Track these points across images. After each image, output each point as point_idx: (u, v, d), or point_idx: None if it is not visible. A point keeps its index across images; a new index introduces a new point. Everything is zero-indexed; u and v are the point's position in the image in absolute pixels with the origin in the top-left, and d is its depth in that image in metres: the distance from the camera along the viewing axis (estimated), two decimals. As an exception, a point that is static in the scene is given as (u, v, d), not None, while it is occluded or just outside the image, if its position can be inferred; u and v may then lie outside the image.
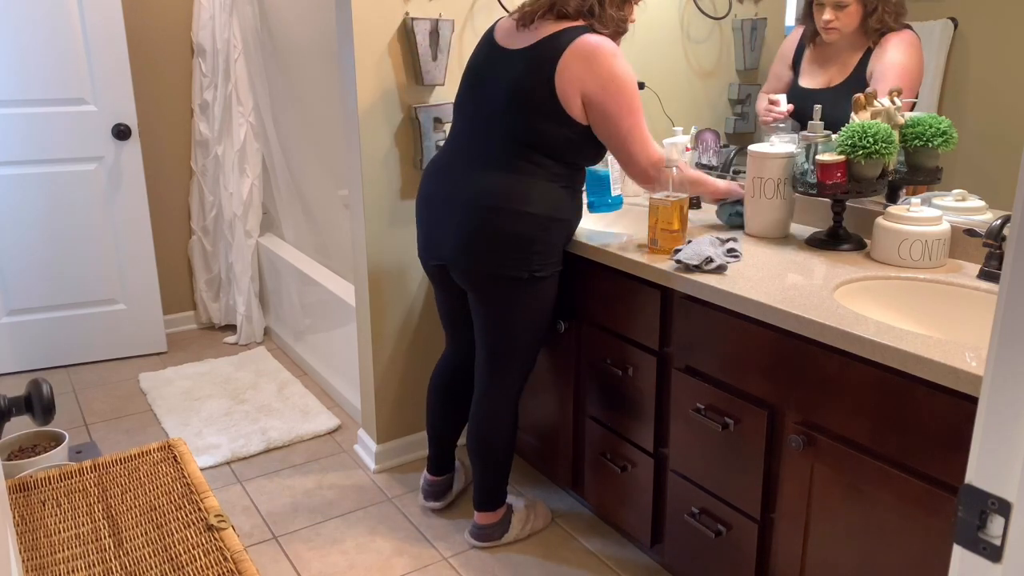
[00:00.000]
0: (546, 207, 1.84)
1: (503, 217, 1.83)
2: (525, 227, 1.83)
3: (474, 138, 1.89)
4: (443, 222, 1.91)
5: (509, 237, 1.84)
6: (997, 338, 0.65)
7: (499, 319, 1.94)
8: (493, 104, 1.84)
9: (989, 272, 1.60)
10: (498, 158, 1.84)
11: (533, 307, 1.93)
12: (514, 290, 1.89)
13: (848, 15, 1.90)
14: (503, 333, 1.96)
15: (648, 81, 2.57)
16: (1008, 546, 0.66)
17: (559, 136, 1.81)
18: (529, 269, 1.87)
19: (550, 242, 1.88)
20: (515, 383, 2.04)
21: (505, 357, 1.99)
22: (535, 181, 1.84)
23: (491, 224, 1.84)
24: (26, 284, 3.22)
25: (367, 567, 2.10)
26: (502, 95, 1.82)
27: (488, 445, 2.07)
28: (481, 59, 1.91)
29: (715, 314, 1.65)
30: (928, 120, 1.74)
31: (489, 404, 2.05)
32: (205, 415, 2.89)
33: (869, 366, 1.36)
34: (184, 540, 1.42)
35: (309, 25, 3.07)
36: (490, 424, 2.05)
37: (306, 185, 3.45)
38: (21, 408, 1.20)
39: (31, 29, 3.00)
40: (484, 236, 1.85)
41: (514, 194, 1.83)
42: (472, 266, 1.89)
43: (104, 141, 3.21)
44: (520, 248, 1.84)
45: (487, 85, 1.86)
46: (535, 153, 1.83)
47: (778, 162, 1.90)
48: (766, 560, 1.66)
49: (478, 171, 1.86)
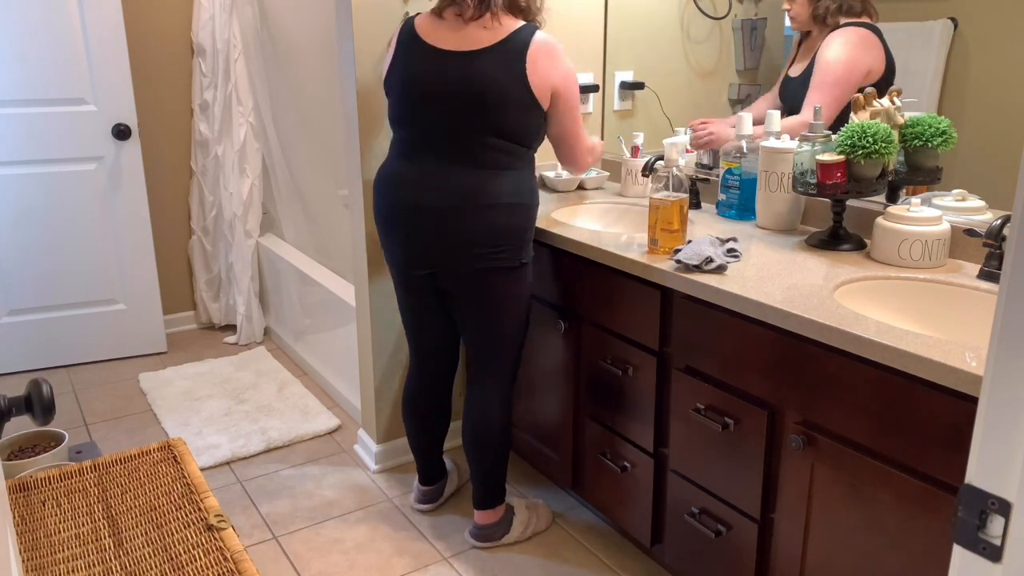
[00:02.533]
0: (528, 195, 1.95)
1: (500, 211, 1.88)
2: (518, 217, 1.92)
3: (442, 142, 1.89)
4: (433, 230, 1.90)
5: (507, 230, 1.90)
6: (997, 338, 0.65)
7: (493, 313, 1.97)
8: (458, 108, 1.85)
9: (989, 272, 1.60)
10: (472, 159, 1.87)
11: (522, 294, 2.00)
12: (506, 280, 1.95)
13: (799, 4, 2.05)
14: (497, 325, 1.99)
15: (648, 81, 2.57)
16: (1008, 546, 0.66)
17: (531, 126, 1.90)
18: (519, 257, 1.96)
19: (529, 229, 1.98)
20: (508, 376, 2.07)
21: (498, 349, 2.03)
22: (514, 172, 1.91)
23: (492, 220, 1.87)
24: (26, 284, 3.22)
25: (367, 567, 2.10)
26: (473, 98, 1.84)
27: (485, 442, 2.07)
28: (423, 65, 1.88)
29: (715, 314, 1.65)
30: (928, 120, 1.74)
31: (485, 401, 2.05)
32: (205, 415, 2.89)
33: (869, 366, 1.36)
34: (184, 540, 1.42)
35: (309, 25, 3.07)
36: (487, 420, 2.06)
37: (306, 185, 3.45)
38: (21, 408, 1.19)
39: (31, 29, 3.00)
40: (487, 233, 1.88)
41: (503, 188, 1.89)
42: (473, 265, 1.90)
43: (104, 141, 3.21)
44: (515, 238, 1.93)
45: (448, 88, 1.85)
46: (510, 145, 1.89)
47: (788, 157, 1.92)
48: (766, 560, 1.66)
49: (462, 173, 1.88)
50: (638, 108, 2.63)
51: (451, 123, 1.87)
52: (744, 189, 2.09)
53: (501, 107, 1.84)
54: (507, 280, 1.96)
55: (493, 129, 1.86)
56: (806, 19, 2.04)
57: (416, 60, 1.89)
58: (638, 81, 2.60)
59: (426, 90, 1.88)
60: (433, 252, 1.93)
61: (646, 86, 2.58)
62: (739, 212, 2.12)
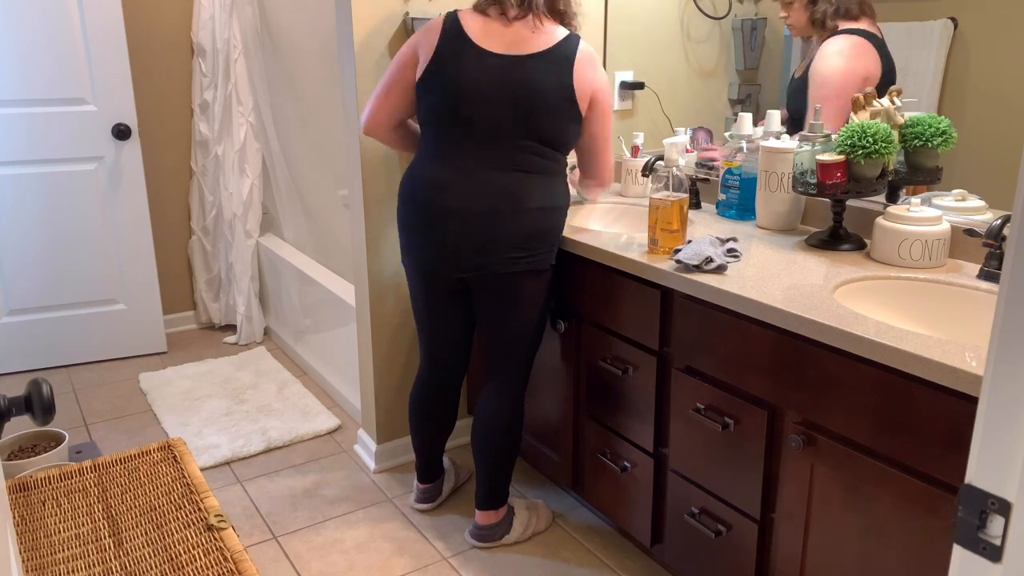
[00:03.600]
0: (562, 198, 1.97)
1: (536, 215, 1.91)
2: (552, 220, 1.94)
3: (482, 145, 1.87)
4: (471, 232, 1.88)
5: (541, 232, 1.93)
6: (997, 338, 0.65)
7: (518, 315, 1.99)
8: (507, 109, 1.85)
9: (989, 272, 1.60)
10: (511, 161, 1.88)
11: (545, 296, 2.03)
12: (535, 283, 1.98)
13: (795, 11, 2.07)
14: (518, 328, 2.01)
15: (648, 81, 2.57)
16: (1008, 546, 0.66)
17: (572, 132, 1.93)
18: (550, 260, 1.99)
19: (559, 233, 2.00)
20: (523, 378, 2.08)
21: (517, 350, 2.04)
22: (549, 176, 1.93)
23: (528, 223, 1.90)
24: (26, 284, 3.22)
25: (367, 567, 2.10)
26: (520, 100, 1.84)
27: (495, 443, 2.07)
28: (474, 67, 1.85)
29: (715, 314, 1.65)
30: (928, 120, 1.74)
31: (498, 402, 2.06)
32: (205, 415, 2.89)
33: (869, 366, 1.36)
34: (184, 540, 1.42)
35: (309, 25, 3.07)
36: (498, 422, 2.06)
37: (306, 185, 3.45)
38: (21, 408, 1.19)
39: (31, 29, 3.00)
40: (524, 236, 1.90)
41: (539, 191, 1.91)
42: (508, 268, 1.92)
43: (104, 141, 3.21)
44: (549, 241, 1.95)
45: (497, 91, 1.84)
46: (548, 150, 1.91)
47: (788, 157, 1.93)
48: (766, 560, 1.66)
49: (500, 176, 1.87)
50: (638, 108, 2.63)
51: (494, 126, 1.86)
52: (744, 189, 2.09)
53: (547, 113, 1.86)
54: (536, 283, 1.98)
55: (535, 134, 1.87)
56: (804, 25, 2.06)
57: (466, 62, 1.85)
58: (638, 81, 2.60)
59: (475, 92, 1.85)
60: (468, 254, 1.90)
61: (646, 86, 2.58)
62: (739, 212, 2.12)
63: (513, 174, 1.88)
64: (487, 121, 1.86)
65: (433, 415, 2.23)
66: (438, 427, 2.25)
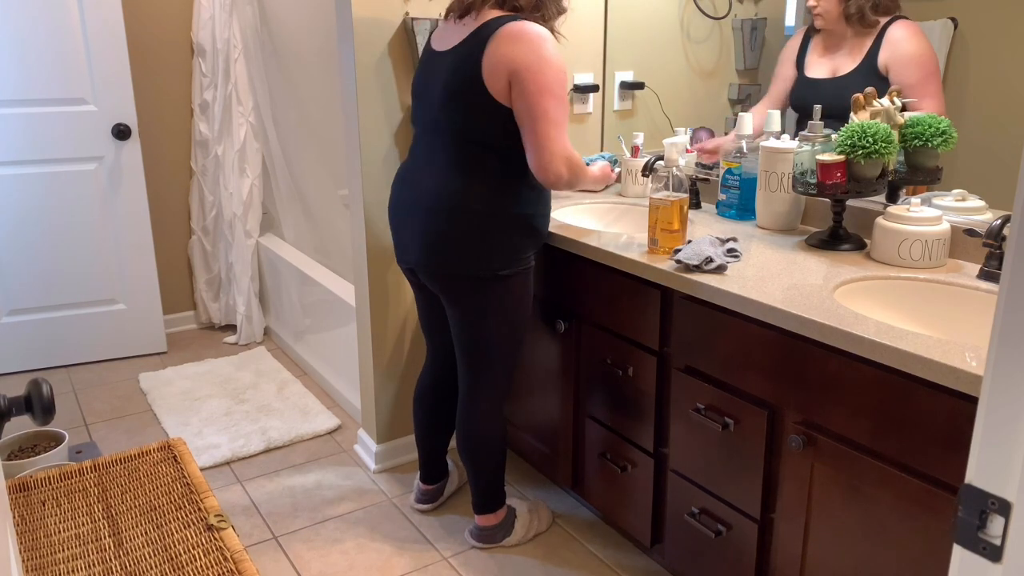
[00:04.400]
0: (494, 205, 1.84)
1: (454, 217, 1.84)
2: (476, 226, 1.84)
3: (425, 144, 1.93)
4: (407, 227, 1.95)
5: (464, 237, 1.85)
6: (997, 338, 0.65)
7: (470, 320, 1.94)
8: (435, 108, 1.87)
9: (989, 272, 1.60)
10: (446, 160, 1.87)
11: (503, 306, 1.92)
12: (480, 290, 1.89)
13: (828, 0, 1.96)
14: (476, 334, 1.96)
15: (648, 81, 2.57)
16: (1008, 546, 0.66)
17: (495, 128, 1.80)
18: (491, 268, 1.86)
19: (508, 240, 1.86)
20: (498, 383, 2.03)
21: (482, 358, 1.99)
22: (482, 179, 1.84)
23: (446, 225, 1.86)
24: (26, 284, 3.22)
25: (367, 567, 2.10)
26: (441, 97, 1.85)
27: (477, 447, 2.07)
28: (421, 67, 1.97)
29: (715, 314, 1.65)
30: (928, 120, 1.74)
31: (473, 406, 2.04)
32: (205, 415, 2.89)
33: (869, 366, 1.36)
34: (184, 540, 1.42)
35: (309, 25, 3.06)
36: (476, 427, 2.05)
37: (306, 185, 3.45)
38: (21, 408, 1.19)
39: (31, 29, 3.00)
40: (442, 238, 1.87)
41: (462, 194, 1.83)
42: (436, 268, 1.91)
43: (104, 141, 3.21)
44: (476, 247, 1.85)
45: (429, 90, 1.90)
46: (478, 150, 1.83)
47: (788, 157, 1.92)
48: (766, 560, 1.66)
49: (431, 175, 1.90)
50: (638, 108, 2.63)
51: (433, 125, 1.90)
52: (744, 189, 2.09)
53: (459, 108, 1.81)
54: (483, 290, 1.89)
55: (457, 131, 1.83)
56: (835, 17, 1.96)
57: (423, 65, 1.97)
58: (638, 81, 2.60)
59: (419, 92, 1.95)
60: (411, 249, 1.95)
61: (646, 86, 2.58)
62: (739, 212, 2.12)
63: (450, 173, 1.85)
64: (427, 122, 1.92)
65: (434, 410, 2.23)
66: (439, 423, 2.24)
